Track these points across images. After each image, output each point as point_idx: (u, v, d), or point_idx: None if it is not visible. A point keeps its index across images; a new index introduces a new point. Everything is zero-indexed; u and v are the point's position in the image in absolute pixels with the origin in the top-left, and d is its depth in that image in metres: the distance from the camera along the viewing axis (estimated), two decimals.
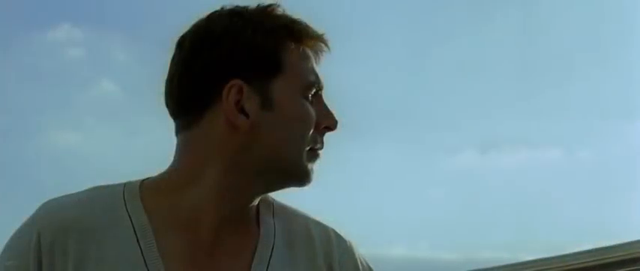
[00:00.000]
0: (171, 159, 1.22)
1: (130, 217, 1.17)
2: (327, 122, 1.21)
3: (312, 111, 1.19)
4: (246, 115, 1.16)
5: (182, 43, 1.20)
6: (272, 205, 1.27)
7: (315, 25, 1.23)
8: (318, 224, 1.28)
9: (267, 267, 1.19)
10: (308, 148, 1.19)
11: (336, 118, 1.23)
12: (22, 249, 1.14)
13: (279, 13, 1.21)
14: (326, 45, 1.23)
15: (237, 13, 1.20)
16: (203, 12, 1.22)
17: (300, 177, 1.20)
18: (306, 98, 1.19)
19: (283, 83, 1.17)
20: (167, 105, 1.21)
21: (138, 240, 1.15)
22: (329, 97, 1.24)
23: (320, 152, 1.22)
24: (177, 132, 1.21)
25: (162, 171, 1.22)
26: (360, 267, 1.27)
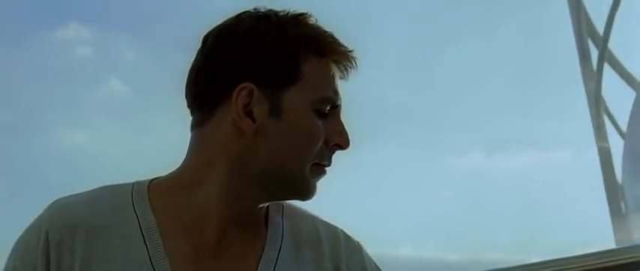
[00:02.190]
0: (180, 157, 1.22)
1: (137, 217, 1.17)
2: (338, 140, 1.19)
3: (320, 126, 1.16)
4: (253, 120, 1.15)
5: (207, 39, 1.20)
6: (281, 205, 1.26)
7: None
8: (326, 224, 1.28)
9: (274, 269, 1.19)
10: (312, 163, 1.17)
11: (349, 137, 1.20)
12: (31, 247, 1.15)
13: (309, 22, 1.19)
14: (351, 62, 1.20)
15: (265, 16, 1.18)
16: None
17: (299, 190, 1.19)
18: (318, 112, 1.17)
19: (296, 94, 1.15)
20: (186, 97, 1.21)
21: (145, 241, 1.16)
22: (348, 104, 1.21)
23: (326, 169, 1.20)
24: (192, 127, 1.20)
25: (173, 169, 1.22)
26: (368, 268, 1.26)
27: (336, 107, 1.19)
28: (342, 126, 1.20)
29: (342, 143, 1.19)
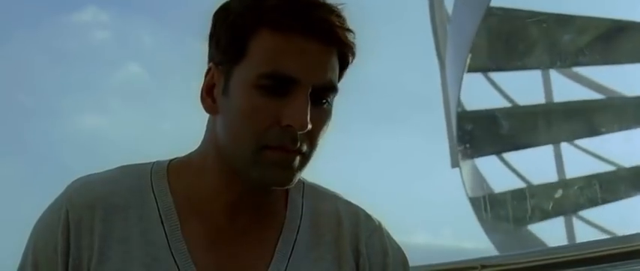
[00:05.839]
0: (196, 142, 1.22)
1: (155, 198, 1.18)
2: (289, 120, 1.06)
3: (260, 104, 1.07)
4: (214, 100, 1.14)
5: None
6: (302, 185, 1.24)
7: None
8: (347, 204, 1.25)
9: (291, 251, 1.18)
10: (263, 146, 1.08)
11: (308, 121, 1.06)
12: (52, 226, 1.16)
13: None
14: (325, 34, 1.08)
15: None
16: None
17: (261, 179, 1.11)
18: (264, 89, 1.07)
19: (242, 70, 1.10)
20: None
21: (162, 223, 1.16)
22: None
23: (298, 154, 1.09)
24: None
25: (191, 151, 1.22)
26: (389, 249, 1.23)
27: (295, 83, 1.07)
28: (300, 105, 1.06)
29: (294, 124, 1.06)
